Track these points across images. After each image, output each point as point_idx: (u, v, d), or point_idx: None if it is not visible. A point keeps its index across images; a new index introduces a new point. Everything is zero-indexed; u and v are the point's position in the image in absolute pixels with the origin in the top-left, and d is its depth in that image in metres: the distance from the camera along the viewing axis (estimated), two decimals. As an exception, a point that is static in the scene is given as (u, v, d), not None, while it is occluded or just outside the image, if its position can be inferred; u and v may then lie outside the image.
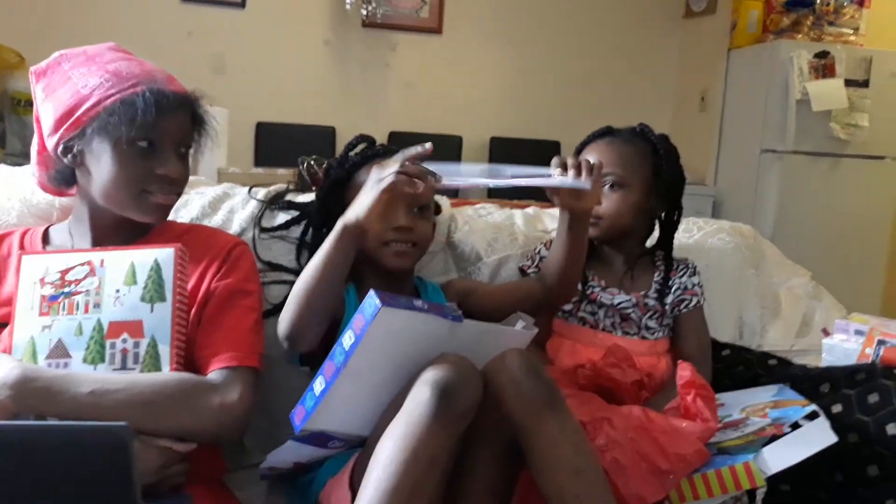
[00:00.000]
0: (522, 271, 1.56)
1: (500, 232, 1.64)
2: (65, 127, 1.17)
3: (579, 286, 1.47)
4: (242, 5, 4.07)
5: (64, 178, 1.23)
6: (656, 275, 1.52)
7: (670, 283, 1.51)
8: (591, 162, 1.23)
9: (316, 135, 4.12)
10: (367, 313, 1.03)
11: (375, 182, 1.15)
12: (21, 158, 3.16)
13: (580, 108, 4.50)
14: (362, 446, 1.16)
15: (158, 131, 1.17)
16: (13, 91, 3.28)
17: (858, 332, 1.42)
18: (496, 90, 4.54)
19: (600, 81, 4.61)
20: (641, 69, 4.66)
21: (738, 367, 1.53)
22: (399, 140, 4.28)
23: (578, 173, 1.21)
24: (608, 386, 1.34)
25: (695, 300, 1.51)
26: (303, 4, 4.19)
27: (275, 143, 4.05)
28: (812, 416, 1.18)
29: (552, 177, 1.23)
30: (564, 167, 1.23)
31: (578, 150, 1.53)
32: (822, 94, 3.76)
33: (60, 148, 1.19)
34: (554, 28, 4.53)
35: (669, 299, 1.49)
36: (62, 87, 1.19)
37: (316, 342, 1.21)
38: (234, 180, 1.96)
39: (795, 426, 1.17)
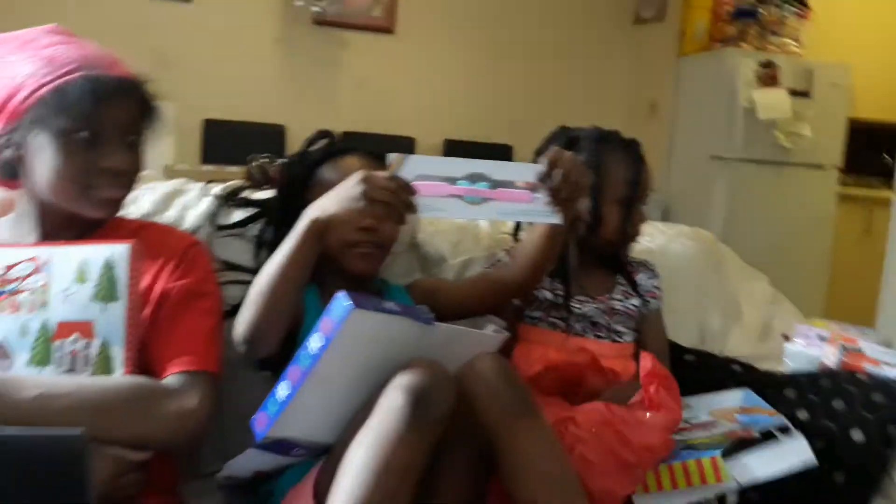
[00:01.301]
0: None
1: (465, 234, 1.62)
2: (1, 120, 1.09)
3: (548, 294, 1.46)
4: (189, -1, 3.96)
5: (7, 171, 1.14)
6: (618, 277, 1.51)
7: (634, 284, 1.51)
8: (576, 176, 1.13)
9: (265, 133, 4.02)
10: (337, 315, 0.98)
11: (356, 196, 1.07)
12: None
13: (531, 113, 4.50)
14: (326, 454, 1.11)
15: (99, 121, 1.09)
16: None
17: (821, 338, 1.43)
18: (449, 92, 4.51)
19: (551, 86, 4.62)
20: (592, 75, 4.70)
21: (702, 372, 1.53)
22: (352, 140, 4.20)
23: (557, 194, 1.13)
24: (575, 387, 1.33)
25: (655, 302, 1.53)
26: (252, 0, 4.10)
27: (223, 141, 3.94)
28: (784, 430, 1.19)
29: (532, 197, 1.13)
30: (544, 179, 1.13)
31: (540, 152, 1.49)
32: (767, 102, 3.84)
33: (0, 141, 1.11)
34: (505, 32, 4.52)
35: (635, 301, 1.49)
36: None
37: (276, 346, 1.15)
38: (182, 177, 1.87)
39: (768, 435, 1.17)
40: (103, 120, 1.09)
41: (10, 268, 1.06)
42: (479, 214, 1.14)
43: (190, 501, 1.20)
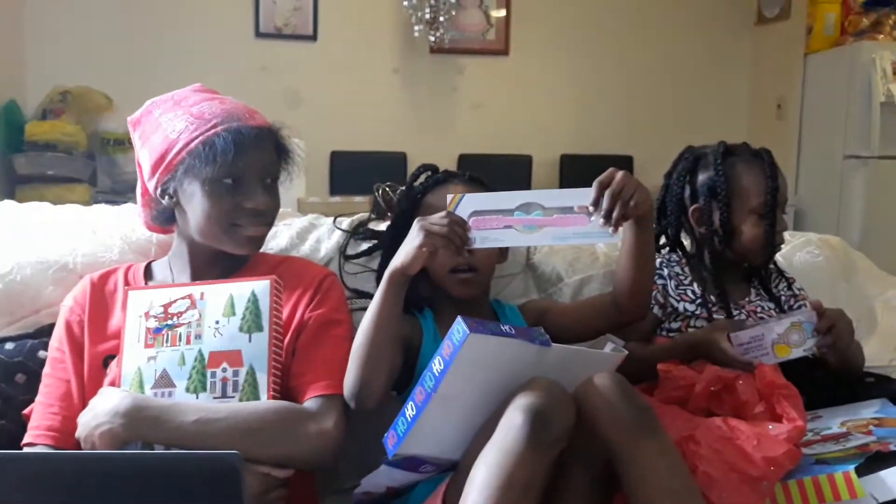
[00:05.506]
0: None
1: (581, 252, 1.64)
2: (159, 171, 1.25)
3: (689, 305, 1.46)
4: (314, 38, 4.19)
5: (165, 217, 1.31)
6: (753, 282, 1.50)
7: (776, 292, 1.49)
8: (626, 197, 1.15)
9: (388, 161, 4.18)
10: (456, 339, 1.04)
11: (416, 235, 1.17)
12: (111, 195, 3.32)
13: (651, 121, 4.45)
14: (453, 470, 1.17)
15: (241, 167, 1.22)
16: (103, 131, 3.44)
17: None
18: (565, 107, 4.52)
19: (670, 93, 4.55)
20: (713, 79, 4.58)
21: (835, 385, 1.47)
22: (470, 162, 4.36)
23: (609, 214, 1.15)
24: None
25: (807, 303, 1.49)
26: (372, 34, 4.28)
27: (349, 171, 4.14)
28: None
29: (589, 220, 1.17)
30: (597, 203, 1.16)
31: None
32: (907, 95, 3.62)
33: (158, 191, 1.27)
34: (620, 41, 4.50)
35: (771, 304, 1.45)
36: (154, 133, 1.26)
37: (380, 398, 1.22)
38: (313, 210, 2.02)
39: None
40: (244, 166, 1.23)
41: (169, 305, 1.20)
42: (535, 241, 1.24)
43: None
